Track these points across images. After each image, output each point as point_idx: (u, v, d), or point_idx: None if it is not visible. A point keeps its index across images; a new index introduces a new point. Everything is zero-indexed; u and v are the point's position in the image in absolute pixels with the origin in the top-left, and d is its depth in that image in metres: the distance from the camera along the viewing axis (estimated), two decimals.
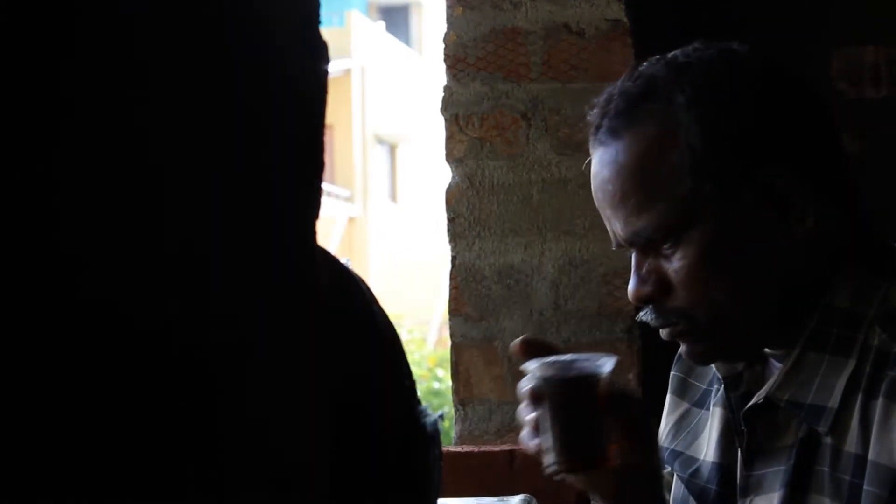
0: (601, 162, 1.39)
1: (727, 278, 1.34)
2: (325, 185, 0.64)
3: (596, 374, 1.33)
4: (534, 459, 1.36)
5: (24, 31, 0.48)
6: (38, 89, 0.49)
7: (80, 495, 0.49)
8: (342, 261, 0.83)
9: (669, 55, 1.39)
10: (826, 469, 1.31)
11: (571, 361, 1.33)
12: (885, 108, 2.62)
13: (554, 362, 1.33)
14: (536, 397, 1.35)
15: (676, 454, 1.51)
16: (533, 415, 1.35)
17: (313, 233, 0.62)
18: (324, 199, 0.66)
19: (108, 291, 0.51)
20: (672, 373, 1.55)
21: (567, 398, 1.33)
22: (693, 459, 1.48)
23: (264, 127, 0.59)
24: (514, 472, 2.07)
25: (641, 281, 1.37)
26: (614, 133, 1.37)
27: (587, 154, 1.43)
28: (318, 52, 0.62)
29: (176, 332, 0.53)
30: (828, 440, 1.31)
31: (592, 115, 1.40)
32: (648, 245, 1.36)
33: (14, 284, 0.48)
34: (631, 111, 1.36)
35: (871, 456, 1.27)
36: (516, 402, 2.24)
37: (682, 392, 1.53)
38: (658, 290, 1.36)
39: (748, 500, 1.39)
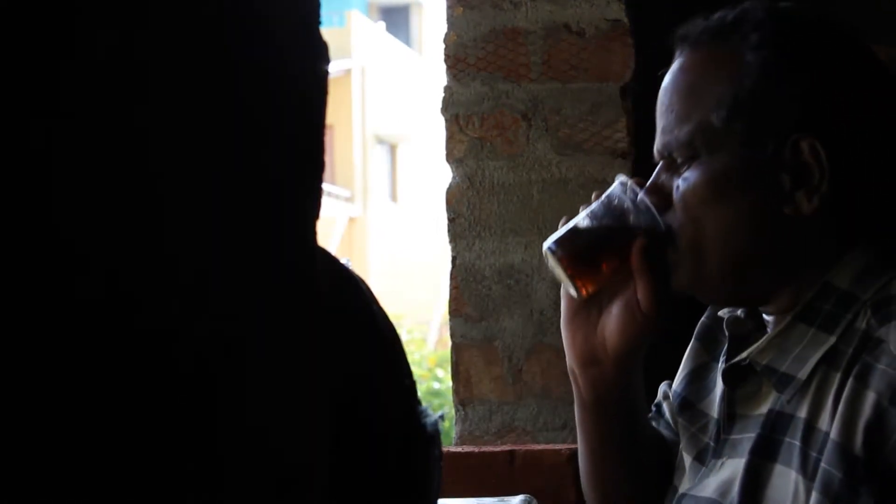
0: (671, 70, 1.46)
1: (718, 212, 1.38)
2: (325, 185, 0.65)
3: (643, 229, 1.41)
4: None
5: (24, 31, 0.48)
6: (38, 89, 0.49)
7: (81, 495, 0.49)
8: (342, 261, 0.83)
9: (780, 2, 1.44)
10: (797, 443, 1.32)
11: (646, 208, 1.42)
12: None
13: (635, 192, 1.42)
14: (597, 196, 1.46)
15: (688, 404, 1.52)
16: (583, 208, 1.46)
17: (313, 233, 0.62)
18: (324, 199, 0.66)
19: (109, 292, 0.51)
20: (702, 319, 1.58)
21: (610, 217, 1.43)
22: (703, 414, 1.50)
23: (264, 127, 0.59)
24: (514, 472, 2.06)
25: (651, 189, 1.43)
26: (693, 47, 1.44)
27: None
28: (318, 53, 0.62)
29: (176, 333, 0.53)
30: (802, 415, 1.32)
31: (688, 24, 1.46)
32: (672, 162, 1.42)
33: (14, 284, 0.48)
34: (715, 33, 1.42)
35: (832, 434, 1.28)
36: (516, 402, 2.23)
37: (706, 341, 1.55)
38: (659, 200, 1.42)
39: (720, 461, 1.42)
